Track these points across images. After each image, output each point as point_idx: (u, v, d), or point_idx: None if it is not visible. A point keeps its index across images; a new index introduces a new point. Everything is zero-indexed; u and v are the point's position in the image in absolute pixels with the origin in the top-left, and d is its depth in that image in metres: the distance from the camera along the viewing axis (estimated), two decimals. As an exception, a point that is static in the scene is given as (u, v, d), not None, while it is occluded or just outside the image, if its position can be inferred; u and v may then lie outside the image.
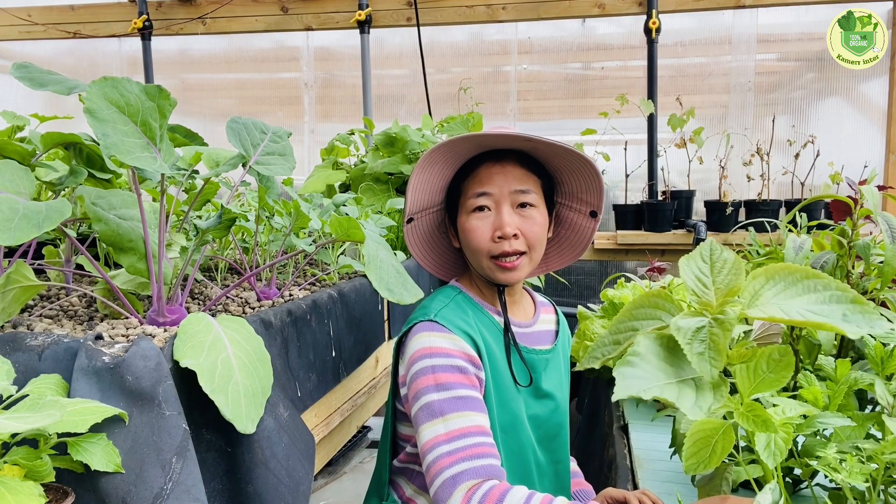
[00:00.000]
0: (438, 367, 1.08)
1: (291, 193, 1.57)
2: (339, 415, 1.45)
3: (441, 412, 1.04)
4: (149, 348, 0.81)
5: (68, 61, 4.47)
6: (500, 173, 1.16)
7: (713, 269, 0.81)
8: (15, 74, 0.96)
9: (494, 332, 1.20)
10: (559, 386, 1.27)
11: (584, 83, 3.94)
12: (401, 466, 1.25)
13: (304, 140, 4.18)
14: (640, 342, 0.78)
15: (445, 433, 1.03)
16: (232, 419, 0.85)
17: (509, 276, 1.17)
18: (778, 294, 0.75)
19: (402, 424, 1.24)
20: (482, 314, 1.21)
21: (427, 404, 1.06)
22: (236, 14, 4.07)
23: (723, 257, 0.81)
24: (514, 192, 1.16)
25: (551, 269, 1.40)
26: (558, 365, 1.29)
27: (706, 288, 0.80)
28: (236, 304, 1.26)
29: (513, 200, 1.16)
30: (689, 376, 0.76)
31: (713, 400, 0.74)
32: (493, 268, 1.16)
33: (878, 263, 1.14)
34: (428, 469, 1.03)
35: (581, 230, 1.30)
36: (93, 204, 0.99)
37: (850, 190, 1.18)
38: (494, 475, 1.00)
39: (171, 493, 0.78)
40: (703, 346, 0.75)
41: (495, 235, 1.14)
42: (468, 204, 1.17)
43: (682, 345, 0.75)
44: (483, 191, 1.15)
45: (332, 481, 2.85)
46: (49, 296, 1.23)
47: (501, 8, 3.75)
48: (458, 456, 1.00)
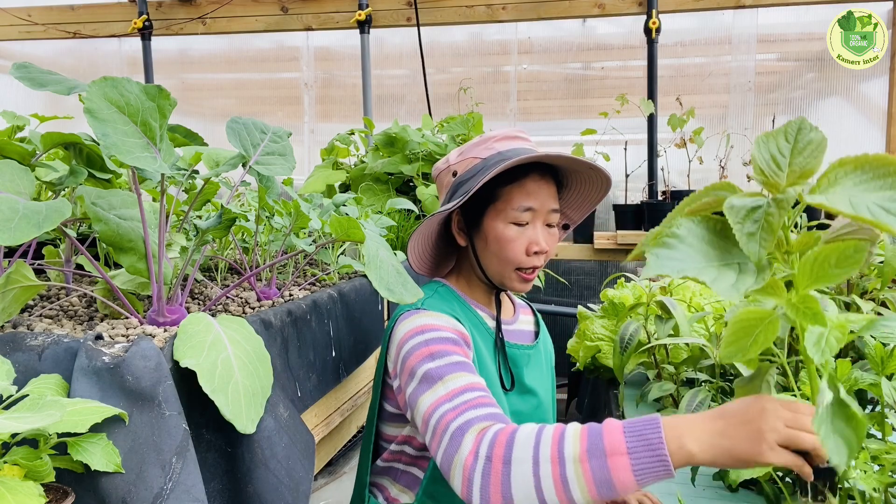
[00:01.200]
0: (431, 340, 1.08)
1: (291, 193, 1.57)
2: (339, 415, 1.45)
3: (440, 376, 1.03)
4: (149, 348, 0.81)
5: (68, 61, 4.46)
6: (546, 190, 1.19)
7: (794, 150, 0.69)
8: (15, 74, 0.96)
9: (482, 330, 1.21)
10: (541, 383, 1.29)
11: (584, 83, 3.94)
12: (384, 466, 1.24)
13: (304, 140, 4.18)
14: (682, 224, 0.68)
15: (446, 393, 1.00)
16: (232, 419, 0.85)
17: (526, 286, 1.21)
18: (859, 185, 0.63)
19: (387, 424, 1.24)
20: (469, 310, 1.23)
21: (425, 374, 1.04)
22: (236, 14, 4.07)
23: (809, 137, 0.69)
24: (550, 212, 1.19)
25: None
26: (540, 362, 1.31)
27: (779, 169, 0.68)
28: (236, 304, 1.26)
29: (546, 218, 1.19)
30: (734, 261, 0.67)
31: (754, 283, 0.64)
32: (514, 278, 1.19)
33: (878, 263, 1.14)
34: (434, 431, 0.98)
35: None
36: (93, 204, 0.99)
37: (850, 190, 1.18)
38: (501, 420, 0.96)
39: (171, 493, 0.78)
40: (756, 227, 0.65)
41: (531, 250, 1.17)
42: (511, 214, 1.17)
43: (733, 224, 0.65)
44: (530, 206, 1.16)
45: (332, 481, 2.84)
46: (49, 296, 1.23)
47: (501, 8, 3.75)
48: (463, 408, 0.97)
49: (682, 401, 1.09)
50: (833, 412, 0.65)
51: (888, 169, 0.62)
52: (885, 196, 0.61)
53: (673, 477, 0.80)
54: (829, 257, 0.64)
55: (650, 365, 1.41)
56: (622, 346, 1.34)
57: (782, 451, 0.74)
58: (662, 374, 1.35)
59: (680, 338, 1.22)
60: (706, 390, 1.10)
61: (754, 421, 0.76)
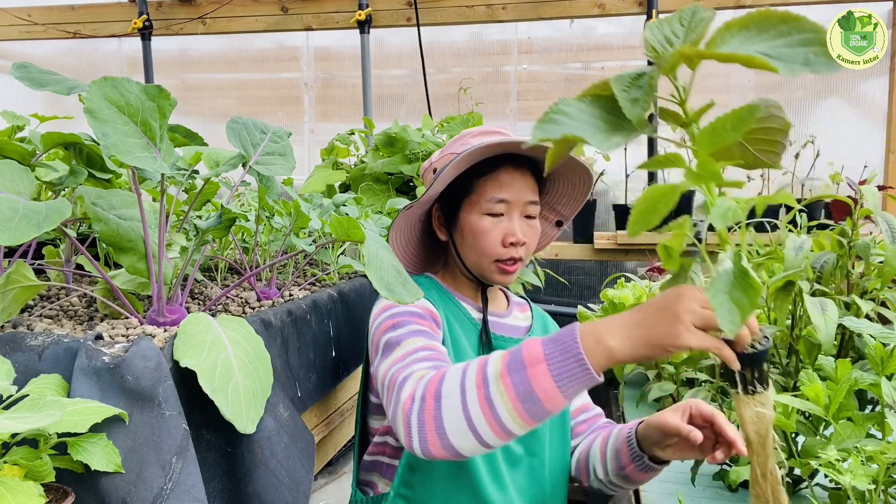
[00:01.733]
0: (395, 314, 1.10)
1: (291, 193, 1.57)
2: (339, 415, 1.45)
3: (398, 342, 1.04)
4: (149, 348, 0.81)
5: (68, 61, 4.46)
6: (520, 181, 1.18)
7: (688, 30, 0.69)
8: (15, 74, 0.96)
9: (465, 321, 1.21)
10: None
11: (584, 83, 3.93)
12: (370, 461, 1.23)
13: (304, 140, 4.18)
14: (570, 103, 0.68)
15: (401, 355, 1.01)
16: (232, 419, 0.85)
17: (506, 279, 1.19)
18: (746, 41, 0.64)
19: (372, 417, 1.24)
20: (452, 302, 1.22)
21: (385, 343, 1.06)
22: (236, 14, 4.07)
23: (701, 16, 0.68)
24: (527, 203, 1.18)
25: None
26: None
27: (672, 47, 0.69)
28: (236, 304, 1.26)
29: (523, 210, 1.18)
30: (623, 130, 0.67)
31: (628, 137, 0.66)
32: (494, 270, 1.18)
33: (878, 263, 1.14)
34: (386, 391, 0.97)
35: (544, 237, 1.35)
36: (93, 204, 0.99)
37: (850, 190, 1.18)
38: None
39: (171, 493, 0.78)
40: (640, 93, 0.66)
41: (507, 241, 1.16)
42: (484, 206, 1.17)
43: (617, 93, 0.66)
44: (503, 197, 1.16)
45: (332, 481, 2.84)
46: (49, 296, 1.23)
47: (501, 8, 3.75)
48: (410, 363, 0.98)
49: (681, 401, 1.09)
50: (732, 282, 0.66)
51: (770, 23, 0.64)
52: (768, 45, 0.63)
53: (597, 380, 0.79)
54: (725, 123, 0.65)
55: (650, 365, 1.41)
56: (622, 346, 1.34)
57: (699, 333, 0.74)
58: (662, 374, 1.35)
59: (680, 338, 1.22)
60: (706, 390, 1.10)
61: (671, 306, 0.75)
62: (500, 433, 0.82)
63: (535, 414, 0.80)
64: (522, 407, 0.80)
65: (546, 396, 0.79)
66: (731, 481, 1.05)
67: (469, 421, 0.83)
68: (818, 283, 1.14)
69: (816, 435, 1.00)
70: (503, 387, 0.81)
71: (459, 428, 0.83)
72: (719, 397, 1.11)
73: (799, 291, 1.09)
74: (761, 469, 0.76)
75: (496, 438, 0.83)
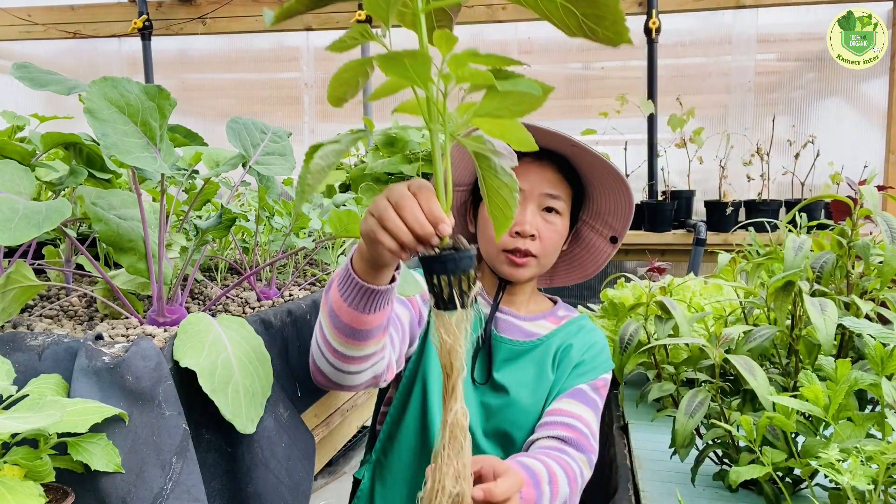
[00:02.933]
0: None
1: (291, 193, 1.57)
2: (339, 415, 1.45)
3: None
4: (149, 348, 0.81)
5: (68, 61, 4.47)
6: (537, 172, 1.15)
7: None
8: (15, 74, 0.96)
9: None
10: (522, 384, 1.18)
11: (584, 83, 3.94)
12: (385, 410, 1.26)
13: (304, 140, 4.18)
14: None
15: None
16: (232, 419, 0.85)
17: (515, 272, 1.16)
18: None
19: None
20: None
21: None
22: (236, 14, 4.07)
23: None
24: (544, 195, 1.15)
25: (556, 283, 1.37)
26: (531, 363, 1.20)
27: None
28: (236, 304, 1.26)
29: (540, 202, 1.16)
30: None
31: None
32: (503, 261, 1.16)
33: (877, 263, 1.14)
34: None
35: (597, 252, 1.29)
36: (93, 204, 0.99)
37: (849, 190, 1.18)
38: None
39: (171, 493, 0.78)
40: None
41: (513, 230, 1.13)
42: None
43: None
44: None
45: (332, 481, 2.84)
46: (49, 296, 1.23)
47: (501, 8, 3.75)
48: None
49: (682, 401, 1.09)
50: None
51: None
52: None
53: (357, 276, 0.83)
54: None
55: (650, 365, 1.41)
56: (622, 347, 1.34)
57: (370, 219, 0.74)
58: (662, 374, 1.35)
59: (680, 338, 1.22)
60: (706, 390, 1.10)
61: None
62: (328, 347, 0.91)
63: (338, 325, 0.87)
64: (329, 320, 0.88)
65: (335, 299, 0.87)
66: (731, 481, 1.05)
67: (316, 344, 0.94)
68: (818, 284, 1.14)
69: (816, 435, 1.00)
70: (321, 311, 0.92)
71: (316, 353, 0.95)
72: (719, 397, 1.11)
73: (799, 291, 1.10)
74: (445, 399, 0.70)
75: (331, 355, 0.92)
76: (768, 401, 0.99)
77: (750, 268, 1.29)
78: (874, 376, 0.91)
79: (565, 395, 1.16)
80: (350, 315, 0.85)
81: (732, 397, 1.17)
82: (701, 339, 1.19)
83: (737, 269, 1.46)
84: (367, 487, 1.23)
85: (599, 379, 1.19)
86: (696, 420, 1.06)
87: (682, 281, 1.70)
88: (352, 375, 0.93)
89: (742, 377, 1.02)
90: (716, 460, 1.18)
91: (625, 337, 1.35)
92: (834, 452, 0.81)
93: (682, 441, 1.07)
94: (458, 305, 0.68)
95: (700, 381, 1.22)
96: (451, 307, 0.68)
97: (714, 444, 1.13)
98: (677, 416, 1.07)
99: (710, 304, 1.53)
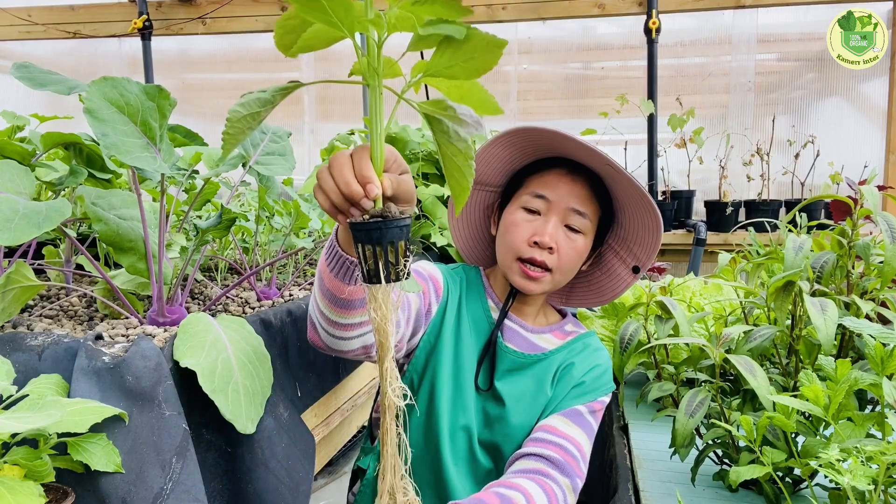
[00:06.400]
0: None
1: (291, 193, 1.57)
2: (339, 415, 1.45)
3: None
4: (149, 348, 0.81)
5: (68, 61, 4.46)
6: (568, 185, 1.13)
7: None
8: (15, 74, 0.96)
9: (481, 320, 1.19)
10: (519, 398, 1.16)
11: (584, 83, 3.94)
12: (376, 416, 1.24)
13: (304, 140, 4.18)
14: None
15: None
16: (232, 419, 0.85)
17: (527, 285, 1.13)
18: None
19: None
20: (478, 297, 1.21)
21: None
22: (236, 14, 4.07)
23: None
24: (570, 210, 1.12)
25: (570, 305, 1.33)
26: (527, 379, 1.18)
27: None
28: (236, 304, 1.26)
29: (565, 217, 1.13)
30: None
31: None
32: (516, 270, 1.13)
33: (877, 263, 1.14)
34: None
35: (617, 279, 1.25)
36: (93, 204, 0.99)
37: (849, 190, 1.18)
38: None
39: (171, 493, 0.78)
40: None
41: (531, 240, 1.11)
42: (523, 199, 1.15)
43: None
44: (542, 194, 1.13)
45: (332, 481, 2.84)
46: (49, 296, 1.23)
47: (501, 8, 3.75)
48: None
49: (682, 401, 1.09)
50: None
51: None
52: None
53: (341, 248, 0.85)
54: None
55: (650, 365, 1.41)
56: (622, 346, 1.34)
57: (313, 178, 0.77)
58: (662, 374, 1.35)
59: (680, 338, 1.22)
60: (706, 390, 1.10)
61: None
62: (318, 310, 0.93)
63: (324, 291, 0.90)
64: (317, 283, 0.91)
65: (324, 271, 0.89)
66: (731, 481, 1.05)
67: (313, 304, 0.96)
68: (818, 284, 1.14)
69: (816, 435, 1.00)
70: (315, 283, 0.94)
71: (313, 310, 0.96)
72: (720, 397, 1.11)
73: (799, 291, 1.09)
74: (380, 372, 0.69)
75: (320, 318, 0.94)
76: (768, 401, 0.99)
77: (750, 268, 1.29)
78: (874, 376, 0.91)
79: (560, 414, 1.13)
80: (332, 283, 0.87)
81: (732, 397, 1.17)
82: (701, 338, 1.19)
83: (737, 269, 1.46)
84: (372, 477, 1.22)
85: (597, 402, 1.16)
86: (696, 420, 1.06)
87: (682, 281, 1.70)
88: (342, 341, 0.95)
89: (742, 377, 1.02)
90: (716, 460, 1.18)
91: (625, 337, 1.35)
92: (834, 452, 0.81)
93: (682, 441, 1.07)
94: (381, 279, 0.65)
95: (700, 380, 1.22)
96: (375, 280, 0.66)
97: (714, 444, 1.12)
98: (677, 415, 1.07)
99: (711, 304, 1.53)
